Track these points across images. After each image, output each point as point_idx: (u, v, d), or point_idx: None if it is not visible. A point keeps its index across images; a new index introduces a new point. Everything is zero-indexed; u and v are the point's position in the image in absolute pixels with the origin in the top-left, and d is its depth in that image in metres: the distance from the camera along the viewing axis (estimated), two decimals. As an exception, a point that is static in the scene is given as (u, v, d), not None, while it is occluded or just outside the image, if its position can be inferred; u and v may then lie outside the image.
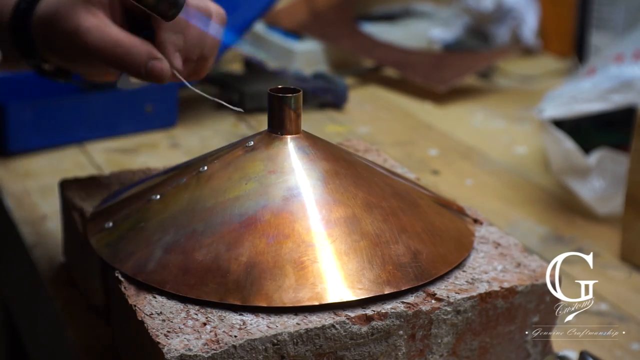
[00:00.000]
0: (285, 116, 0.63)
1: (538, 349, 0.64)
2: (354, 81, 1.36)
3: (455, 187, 1.00)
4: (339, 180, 0.62)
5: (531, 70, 1.46)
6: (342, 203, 0.61)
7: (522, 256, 0.64)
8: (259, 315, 0.55)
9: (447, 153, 1.12)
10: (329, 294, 0.56)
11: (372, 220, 0.61)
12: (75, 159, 1.05)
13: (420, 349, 0.59)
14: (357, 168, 0.65)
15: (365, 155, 0.76)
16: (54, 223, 0.87)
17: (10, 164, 1.03)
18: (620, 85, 0.93)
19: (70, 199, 0.72)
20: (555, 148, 0.96)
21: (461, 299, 0.59)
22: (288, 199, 0.60)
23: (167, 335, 0.53)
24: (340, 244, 0.59)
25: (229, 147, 0.66)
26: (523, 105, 1.28)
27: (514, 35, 1.50)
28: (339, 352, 0.56)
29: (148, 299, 0.57)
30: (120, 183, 0.74)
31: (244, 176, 0.62)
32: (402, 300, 0.58)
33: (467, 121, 1.25)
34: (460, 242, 0.64)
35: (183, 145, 1.10)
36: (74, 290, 0.74)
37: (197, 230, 0.59)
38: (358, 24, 1.54)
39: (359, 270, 0.58)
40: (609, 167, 0.93)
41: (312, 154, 0.63)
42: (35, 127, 1.05)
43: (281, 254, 0.58)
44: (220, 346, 0.53)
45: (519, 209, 0.97)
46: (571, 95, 0.97)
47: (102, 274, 0.65)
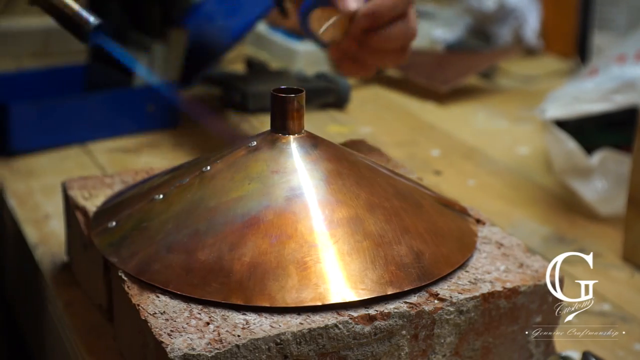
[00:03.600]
0: (288, 116, 0.63)
1: (541, 349, 0.64)
2: (356, 81, 1.35)
3: (458, 187, 1.00)
4: (341, 180, 0.62)
5: (533, 70, 1.45)
6: (345, 203, 0.61)
7: (524, 256, 0.64)
8: (262, 315, 0.55)
9: (449, 153, 1.12)
10: (332, 294, 0.56)
11: (375, 220, 0.61)
12: (78, 158, 1.05)
13: (423, 349, 0.59)
14: (360, 168, 0.65)
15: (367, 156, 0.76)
16: (56, 223, 0.87)
17: (13, 163, 1.03)
18: (623, 85, 0.93)
19: (73, 198, 0.72)
20: (557, 148, 0.96)
21: (464, 299, 0.59)
22: (291, 199, 0.60)
23: (170, 335, 0.54)
24: (343, 245, 0.59)
25: (232, 147, 0.66)
26: (525, 105, 1.28)
27: (516, 35, 1.50)
28: (342, 351, 0.56)
29: (151, 299, 0.57)
30: (123, 183, 0.74)
31: (246, 176, 0.62)
32: (404, 301, 0.58)
33: (469, 121, 1.24)
34: (463, 242, 0.64)
35: (186, 146, 1.10)
36: (77, 289, 0.74)
37: (200, 230, 0.60)
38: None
39: (362, 271, 0.58)
40: (612, 168, 0.93)
41: (315, 154, 0.63)
42: (38, 127, 1.05)
43: (284, 254, 0.58)
44: (224, 345, 0.53)
45: (521, 209, 0.97)
46: (573, 96, 0.97)
47: (105, 273, 0.65)
